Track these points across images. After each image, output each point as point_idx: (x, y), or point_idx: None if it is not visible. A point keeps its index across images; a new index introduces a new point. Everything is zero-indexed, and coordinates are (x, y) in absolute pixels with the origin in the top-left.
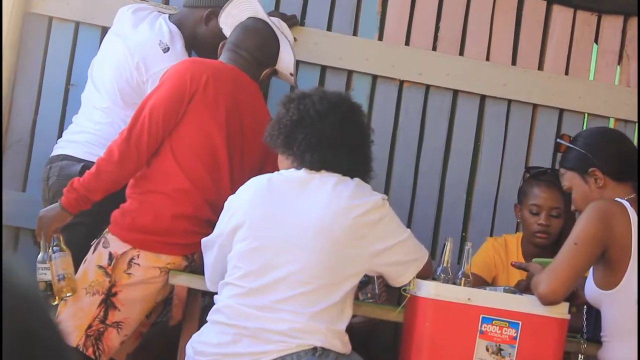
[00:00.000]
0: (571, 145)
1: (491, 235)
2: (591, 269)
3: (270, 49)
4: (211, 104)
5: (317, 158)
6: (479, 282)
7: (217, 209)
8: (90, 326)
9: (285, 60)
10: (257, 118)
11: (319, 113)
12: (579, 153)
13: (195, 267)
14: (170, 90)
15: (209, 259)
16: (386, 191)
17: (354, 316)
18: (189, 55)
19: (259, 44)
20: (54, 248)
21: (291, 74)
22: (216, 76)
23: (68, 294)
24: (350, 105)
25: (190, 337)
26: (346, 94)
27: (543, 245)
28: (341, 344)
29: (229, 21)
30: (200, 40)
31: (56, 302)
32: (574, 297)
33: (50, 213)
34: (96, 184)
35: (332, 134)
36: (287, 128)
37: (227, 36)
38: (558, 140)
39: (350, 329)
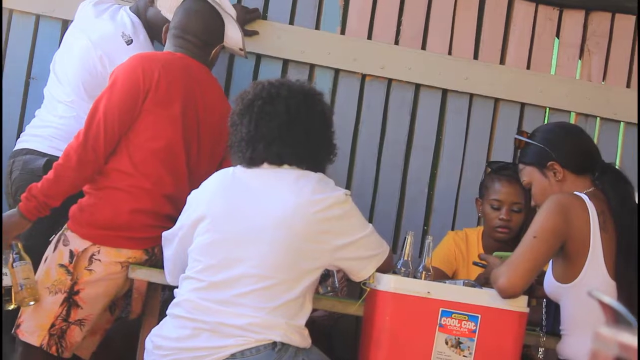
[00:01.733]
0: (529, 141)
1: (453, 229)
2: (550, 262)
3: (216, 28)
4: (165, 101)
5: (273, 150)
6: (440, 275)
7: (177, 204)
8: (53, 325)
9: (233, 37)
10: (212, 107)
11: (238, 114)
12: (538, 148)
13: (156, 260)
14: (124, 89)
15: (169, 252)
16: (348, 185)
17: (315, 310)
18: (152, 45)
19: (204, 26)
20: (15, 256)
21: (240, 49)
22: (168, 71)
23: (31, 303)
24: (270, 95)
25: (150, 331)
26: (296, 83)
27: (504, 240)
28: (301, 338)
29: (167, 4)
30: (150, 22)
31: (12, 307)
32: (533, 291)
33: (9, 221)
34: (56, 190)
35: (249, 132)
36: (234, 127)
37: (167, 18)
38: (516, 136)
39: (312, 323)
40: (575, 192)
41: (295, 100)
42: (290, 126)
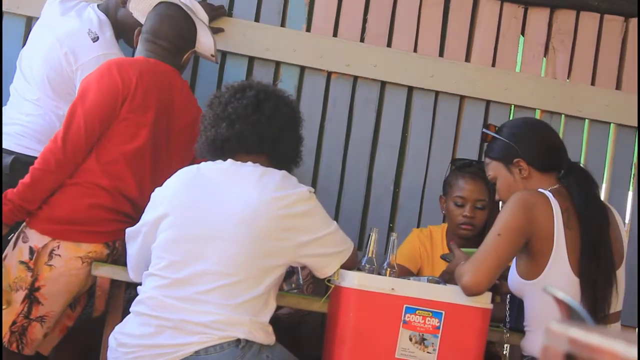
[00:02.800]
0: (496, 136)
1: (418, 227)
2: (514, 259)
3: (188, 34)
4: (139, 108)
5: (235, 129)
6: (405, 272)
7: (137, 207)
8: (14, 322)
9: (205, 43)
10: (184, 112)
11: (209, 105)
12: (504, 143)
13: (118, 256)
14: (104, 93)
15: (132, 249)
16: (314, 182)
17: (281, 307)
18: (118, 43)
19: (176, 31)
20: None
21: (212, 55)
22: (144, 78)
23: (4, 307)
24: (242, 85)
25: (114, 328)
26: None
27: (468, 237)
28: (265, 335)
29: (140, 7)
30: (120, 23)
31: None
32: (497, 287)
33: None
34: (32, 194)
35: (215, 114)
36: (202, 118)
37: (140, 21)
38: (484, 130)
39: (278, 320)
40: (539, 190)
41: (265, 91)
42: (256, 109)
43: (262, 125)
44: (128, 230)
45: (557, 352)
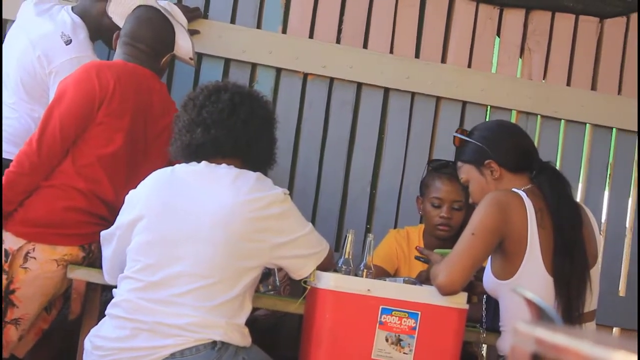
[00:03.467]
0: (467, 139)
1: (395, 228)
2: (489, 259)
3: (167, 37)
4: (116, 112)
5: (211, 134)
6: (381, 273)
7: (113, 210)
8: None
9: (183, 46)
10: (162, 115)
11: (182, 106)
12: (475, 146)
13: (94, 258)
14: (80, 96)
15: (107, 252)
16: (291, 183)
17: (258, 309)
18: (93, 46)
19: (154, 34)
20: None
21: (190, 58)
22: (122, 82)
23: None
24: (216, 87)
25: (89, 331)
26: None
27: (444, 238)
28: (241, 337)
29: (119, 10)
30: (104, 31)
31: None
32: (473, 287)
33: None
34: (7, 197)
35: (190, 118)
36: (176, 119)
37: (119, 25)
38: (455, 134)
39: (255, 322)
40: (513, 189)
41: (240, 94)
42: (232, 113)
43: (237, 130)
44: (103, 233)
45: (524, 352)
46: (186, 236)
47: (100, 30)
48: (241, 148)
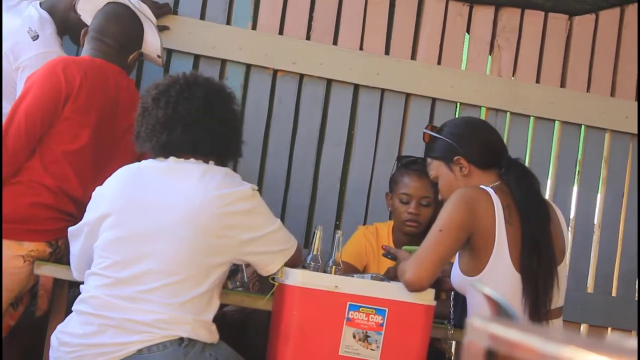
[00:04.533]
0: (437, 135)
1: (365, 224)
2: (457, 255)
3: (135, 33)
4: (83, 108)
5: (190, 134)
6: (350, 270)
7: (81, 206)
8: None
9: (152, 43)
10: (129, 111)
11: (153, 99)
12: (445, 142)
13: (61, 254)
14: (46, 92)
15: (75, 248)
16: (260, 179)
17: (226, 305)
18: (61, 41)
19: (122, 29)
20: None
21: (158, 56)
22: (88, 77)
23: None
24: (187, 81)
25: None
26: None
27: (413, 234)
28: (208, 333)
29: (88, 7)
30: (72, 26)
31: None
32: (440, 284)
33: None
34: None
35: (165, 114)
36: (147, 112)
37: (87, 22)
38: (424, 130)
39: (223, 318)
40: (481, 186)
41: (212, 90)
42: (207, 111)
43: (214, 130)
44: (70, 229)
45: (479, 347)
46: (154, 233)
47: (67, 25)
48: (218, 147)
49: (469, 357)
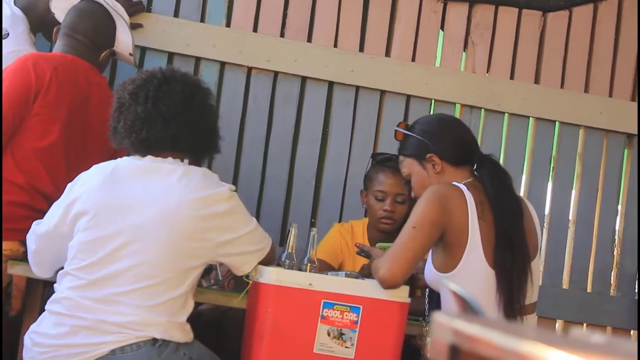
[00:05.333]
0: (408, 132)
1: (340, 221)
2: (430, 252)
3: (107, 30)
4: (53, 103)
5: (171, 130)
6: (326, 267)
7: (53, 203)
8: None
9: (123, 41)
10: (101, 108)
11: (130, 94)
12: (417, 140)
13: None
14: (16, 87)
15: (40, 245)
16: (235, 178)
17: (201, 303)
18: (34, 39)
19: (94, 26)
20: None
21: (130, 54)
22: (59, 73)
23: None
24: (165, 76)
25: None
26: (164, 68)
27: (388, 231)
28: (182, 333)
29: (61, 5)
30: (48, 27)
31: None
32: (414, 281)
33: None
34: None
35: (145, 110)
36: (124, 107)
37: (60, 21)
38: (396, 128)
39: (199, 316)
40: (453, 183)
41: (190, 85)
42: (187, 106)
43: (194, 125)
44: (36, 227)
45: (443, 343)
46: (130, 235)
47: (44, 24)
48: (197, 142)
49: (433, 353)
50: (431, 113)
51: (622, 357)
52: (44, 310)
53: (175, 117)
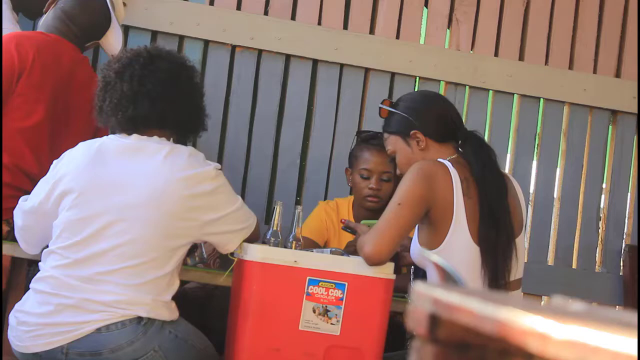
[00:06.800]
0: (392, 110)
1: (325, 199)
2: (416, 229)
3: (101, 28)
4: (37, 83)
5: (158, 107)
6: (311, 245)
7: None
8: None
9: (112, 44)
10: (84, 87)
11: (116, 73)
12: (401, 117)
13: None
14: None
15: (27, 222)
16: (220, 156)
17: (187, 282)
18: (17, 16)
19: (92, 23)
20: None
21: (112, 56)
22: (42, 53)
23: None
24: (150, 54)
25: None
26: (150, 47)
27: (374, 209)
28: (168, 312)
29: None
30: (32, 5)
31: None
32: (400, 259)
33: None
34: None
35: (131, 88)
36: (109, 86)
37: None
38: (380, 105)
39: (185, 295)
40: (438, 159)
41: (176, 63)
42: (173, 84)
43: (180, 103)
44: (23, 203)
45: (423, 312)
46: (116, 214)
47: (25, 2)
48: (184, 120)
49: (413, 322)
50: (416, 90)
51: (600, 323)
52: (29, 289)
53: (162, 95)
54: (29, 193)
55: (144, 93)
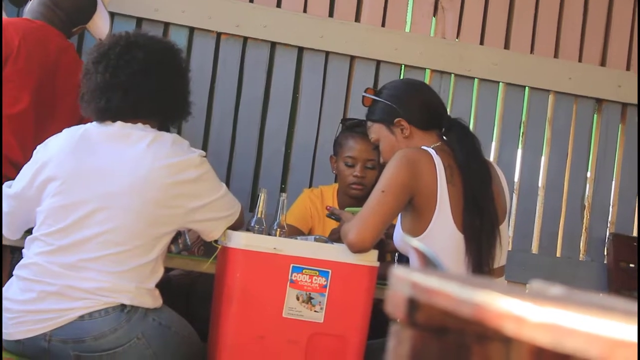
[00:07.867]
0: (376, 98)
1: (310, 187)
2: (399, 216)
3: (87, 12)
4: (23, 70)
5: (130, 99)
6: (295, 232)
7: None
8: None
9: (100, 27)
10: (70, 73)
11: (94, 62)
12: (384, 105)
13: None
14: None
15: (10, 207)
16: (205, 143)
17: (172, 269)
18: (3, 4)
19: (77, 7)
20: None
21: (100, 39)
22: (28, 40)
23: None
24: (128, 42)
25: None
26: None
27: (358, 197)
28: (151, 299)
29: None
30: None
31: None
32: (384, 245)
33: None
34: None
35: (104, 79)
36: (88, 75)
37: None
38: (363, 94)
39: (169, 282)
40: (422, 147)
41: (153, 50)
42: (148, 75)
43: (156, 93)
44: (7, 190)
45: (401, 296)
46: (100, 202)
47: None
48: (162, 109)
49: (391, 306)
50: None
51: (577, 306)
52: (12, 275)
53: (135, 86)
54: (10, 179)
55: (115, 85)
